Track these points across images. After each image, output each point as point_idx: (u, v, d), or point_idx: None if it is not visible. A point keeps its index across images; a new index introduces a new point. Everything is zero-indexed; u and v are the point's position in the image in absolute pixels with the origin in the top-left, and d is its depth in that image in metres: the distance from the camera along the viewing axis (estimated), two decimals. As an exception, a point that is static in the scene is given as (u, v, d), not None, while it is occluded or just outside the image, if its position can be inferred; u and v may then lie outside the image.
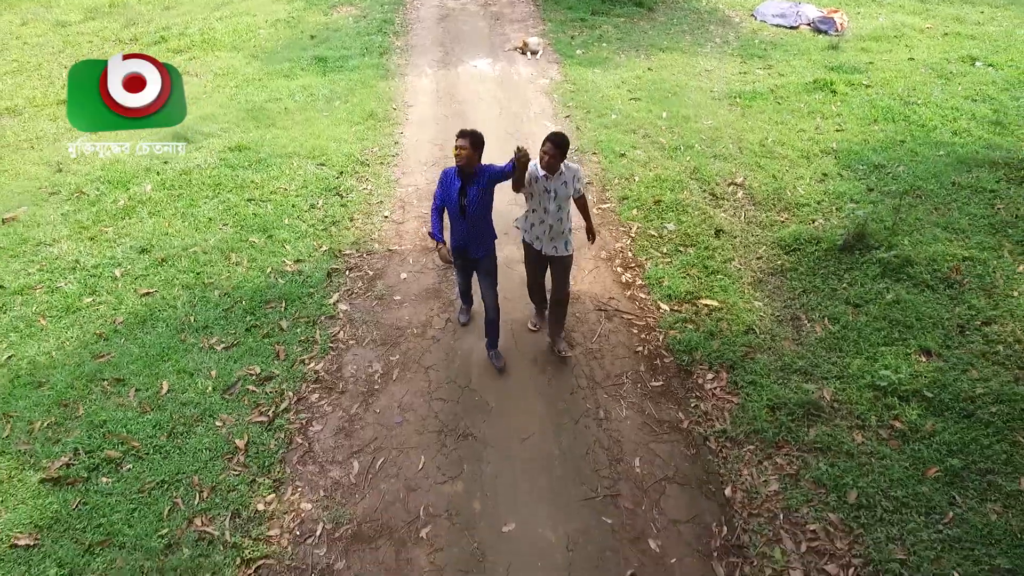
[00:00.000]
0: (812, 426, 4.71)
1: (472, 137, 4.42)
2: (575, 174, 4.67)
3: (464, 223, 4.61)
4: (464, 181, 4.51)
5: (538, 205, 4.71)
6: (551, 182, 4.62)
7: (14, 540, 4.09)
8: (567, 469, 4.44)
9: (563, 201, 4.68)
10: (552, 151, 4.46)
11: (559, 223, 4.73)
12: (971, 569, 3.86)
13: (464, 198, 4.52)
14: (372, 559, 3.94)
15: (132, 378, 5.17)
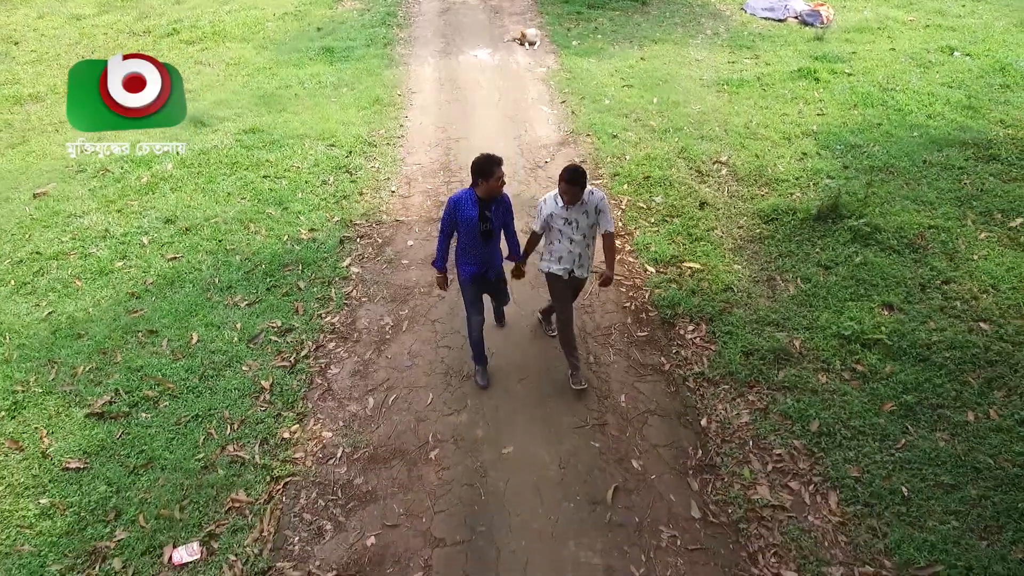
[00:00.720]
0: (781, 369, 5.22)
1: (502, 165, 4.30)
2: (597, 203, 4.44)
3: (485, 248, 4.49)
4: (483, 205, 4.36)
5: (561, 238, 4.53)
6: (571, 211, 4.42)
7: (65, 464, 4.60)
8: (559, 404, 4.95)
9: (587, 230, 4.49)
10: (568, 189, 4.28)
11: (587, 250, 4.59)
12: (918, 484, 4.37)
13: (486, 223, 4.39)
14: (387, 476, 4.45)
15: (164, 330, 5.68)
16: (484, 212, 4.35)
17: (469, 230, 4.38)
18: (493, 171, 4.21)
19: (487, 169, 4.21)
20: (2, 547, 4.08)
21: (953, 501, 4.24)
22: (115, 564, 3.99)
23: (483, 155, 4.27)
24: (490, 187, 4.25)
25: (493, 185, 4.24)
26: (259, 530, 4.13)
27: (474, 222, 4.34)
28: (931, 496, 4.27)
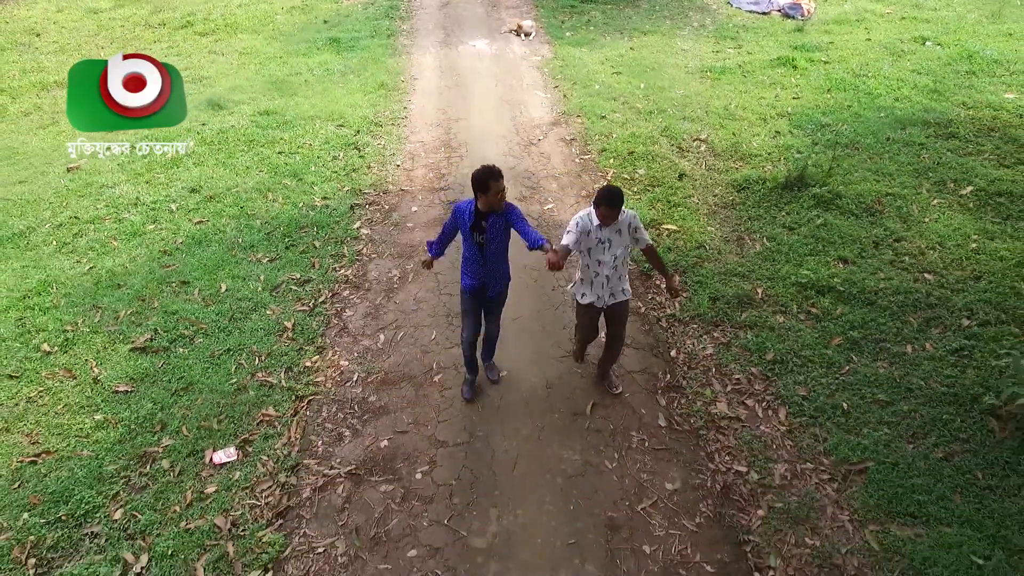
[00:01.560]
0: (744, 311, 5.91)
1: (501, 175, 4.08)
2: (630, 221, 4.33)
3: (482, 262, 4.34)
4: (479, 217, 4.18)
5: (590, 258, 4.41)
6: (604, 231, 4.31)
7: (114, 388, 5.28)
8: (548, 339, 5.64)
9: (618, 250, 4.35)
10: (608, 213, 4.18)
11: (614, 272, 4.43)
12: (857, 401, 5.05)
13: (480, 235, 4.23)
14: (397, 394, 5.14)
15: (195, 281, 6.37)
16: (479, 222, 4.17)
17: (467, 240, 4.27)
18: (489, 185, 3.99)
19: (484, 183, 4.01)
20: (65, 452, 4.75)
21: (886, 414, 4.92)
22: (163, 464, 4.67)
23: (481, 168, 4.04)
24: (488, 201, 4.06)
25: (491, 200, 4.04)
26: (287, 437, 4.81)
27: (468, 232, 4.22)
28: (867, 410, 4.95)
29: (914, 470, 4.49)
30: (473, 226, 4.20)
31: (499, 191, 4.04)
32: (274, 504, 4.34)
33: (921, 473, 4.46)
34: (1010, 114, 9.14)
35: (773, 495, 4.38)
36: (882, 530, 4.15)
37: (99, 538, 4.20)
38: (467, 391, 4.99)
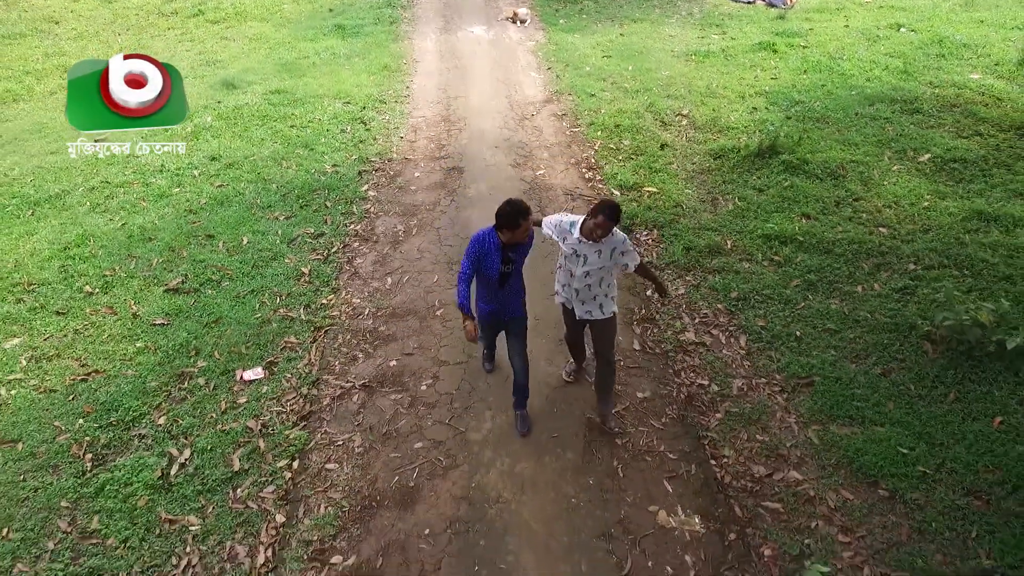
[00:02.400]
0: (714, 259, 6.60)
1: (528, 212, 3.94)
2: (615, 246, 4.14)
3: (501, 291, 4.24)
4: (506, 249, 4.07)
5: (563, 262, 4.34)
6: (583, 246, 4.13)
7: (152, 321, 5.96)
8: (539, 280, 6.32)
9: (593, 269, 4.18)
10: (604, 224, 3.98)
11: (587, 289, 4.28)
12: (809, 330, 5.73)
13: (508, 266, 4.12)
14: (404, 325, 5.83)
15: (219, 235, 7.04)
16: (507, 255, 4.08)
17: (489, 274, 4.11)
18: (519, 223, 3.88)
19: (513, 222, 3.87)
20: (111, 372, 5.43)
21: (834, 340, 5.61)
22: (199, 381, 5.35)
23: (509, 204, 3.89)
24: (515, 236, 3.95)
25: (519, 236, 3.95)
26: (308, 359, 5.50)
27: (495, 268, 4.08)
28: (818, 337, 5.64)
29: (855, 384, 5.17)
30: (503, 259, 4.06)
31: (527, 228, 3.94)
32: (298, 410, 5.03)
33: (861, 386, 5.14)
34: (973, 92, 9.83)
35: (730, 403, 5.07)
36: (823, 429, 4.83)
37: (146, 439, 4.88)
38: (488, 364, 5.25)
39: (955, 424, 4.76)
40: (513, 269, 4.15)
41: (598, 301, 4.35)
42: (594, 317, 4.39)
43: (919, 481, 4.40)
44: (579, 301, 4.33)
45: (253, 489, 4.47)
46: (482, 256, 4.06)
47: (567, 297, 4.41)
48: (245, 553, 4.09)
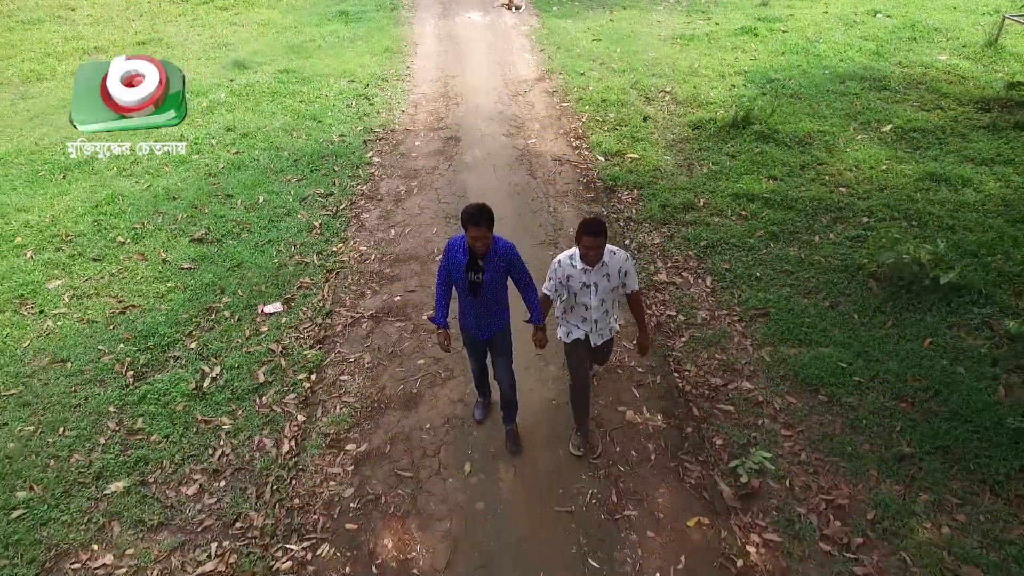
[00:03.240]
0: (687, 214, 7.28)
1: (487, 219, 3.67)
2: (620, 265, 3.98)
3: (474, 302, 3.98)
4: (473, 255, 3.83)
5: (576, 302, 4.08)
6: (591, 275, 3.94)
7: (180, 266, 6.64)
8: (527, 232, 7.01)
9: (606, 294, 4.02)
10: (594, 244, 3.76)
11: (604, 316, 4.13)
12: (768, 272, 6.42)
13: (474, 273, 3.87)
14: (406, 268, 6.52)
15: (237, 195, 7.73)
16: (476, 260, 3.84)
17: (459, 279, 3.91)
18: (467, 228, 3.69)
19: (464, 222, 3.71)
20: (146, 307, 6.12)
21: (790, 279, 6.29)
22: (225, 314, 6.04)
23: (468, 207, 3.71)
24: (471, 238, 3.74)
25: (473, 241, 3.74)
26: (321, 295, 6.19)
27: (461, 270, 3.87)
28: (776, 278, 6.33)
29: (805, 314, 5.87)
30: (469, 264, 3.85)
31: (476, 237, 3.70)
32: (314, 335, 5.72)
33: (810, 316, 5.84)
34: (939, 71, 10.52)
35: (694, 330, 5.77)
36: (774, 350, 5.53)
37: (180, 359, 5.57)
38: (478, 412, 4.83)
39: (890, 344, 5.45)
40: (484, 279, 3.85)
41: (611, 324, 4.27)
42: (606, 338, 4.29)
43: (854, 388, 5.09)
44: (597, 332, 4.17)
45: (276, 396, 5.16)
46: (451, 259, 3.89)
47: (588, 329, 4.18)
48: (272, 444, 4.78)
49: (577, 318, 4.17)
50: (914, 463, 4.54)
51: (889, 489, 4.36)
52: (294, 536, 4.18)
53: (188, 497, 4.46)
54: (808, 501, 4.33)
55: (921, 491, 4.36)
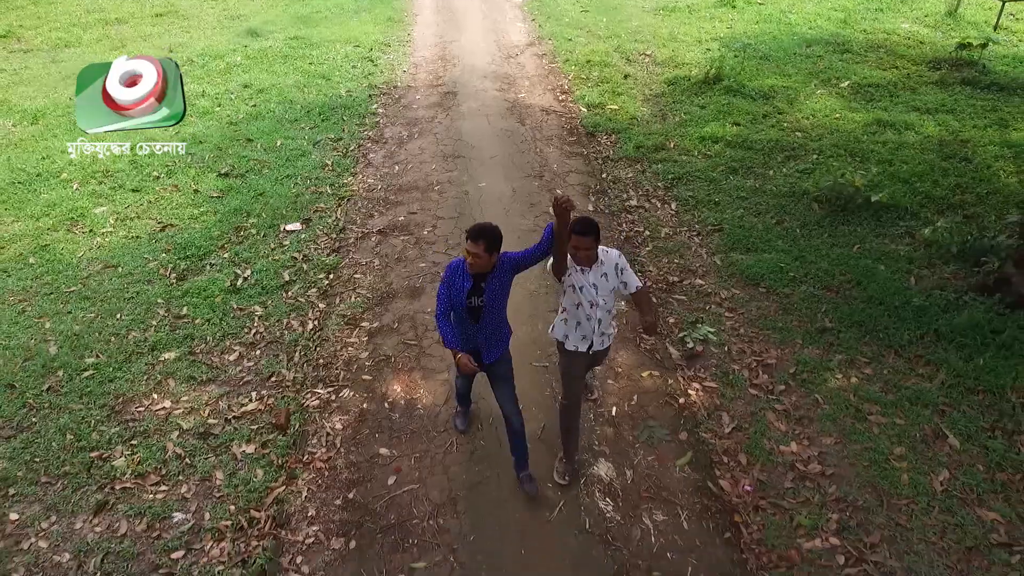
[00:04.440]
0: (658, 153, 8.21)
1: (488, 239, 3.45)
2: (615, 262, 3.84)
3: (475, 327, 3.74)
4: (476, 279, 3.62)
5: (572, 304, 3.87)
6: (588, 275, 3.79)
7: (210, 194, 7.56)
8: (517, 168, 7.93)
9: (606, 295, 3.85)
10: (587, 243, 3.61)
11: (607, 316, 3.94)
12: (726, 198, 7.34)
13: (476, 298, 3.64)
14: (408, 196, 7.44)
15: (256, 139, 8.64)
16: (478, 284, 3.63)
17: (459, 304, 3.68)
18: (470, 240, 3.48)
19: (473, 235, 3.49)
20: (183, 226, 7.04)
21: (744, 203, 7.22)
22: (252, 231, 6.96)
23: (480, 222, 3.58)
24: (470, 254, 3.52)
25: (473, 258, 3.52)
26: (335, 216, 7.12)
27: (462, 296, 3.65)
28: (732, 203, 7.25)
29: (754, 229, 6.80)
30: (472, 290, 3.63)
31: (469, 252, 3.50)
32: (330, 246, 6.66)
33: (759, 230, 6.77)
34: (899, 37, 11.44)
35: (658, 242, 6.70)
36: (725, 256, 6.46)
37: (216, 265, 6.49)
38: (460, 422, 4.66)
39: (824, 250, 6.39)
40: (485, 304, 3.65)
41: (611, 328, 4.08)
42: (605, 345, 4.08)
43: (790, 282, 6.03)
44: (600, 332, 3.95)
45: (300, 290, 6.10)
46: (452, 282, 3.66)
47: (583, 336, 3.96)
48: (298, 324, 5.72)
49: (581, 315, 3.90)
50: (833, 335, 5.48)
51: (810, 353, 5.30)
52: (320, 384, 5.13)
53: (230, 362, 5.38)
54: (742, 361, 5.28)
55: (836, 353, 5.30)
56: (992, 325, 5.30)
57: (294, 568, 3.93)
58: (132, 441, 4.71)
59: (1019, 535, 4.02)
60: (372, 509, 4.24)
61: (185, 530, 4.17)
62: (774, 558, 3.97)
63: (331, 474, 4.46)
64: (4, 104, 9.56)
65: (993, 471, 4.39)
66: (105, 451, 4.64)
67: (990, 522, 4.09)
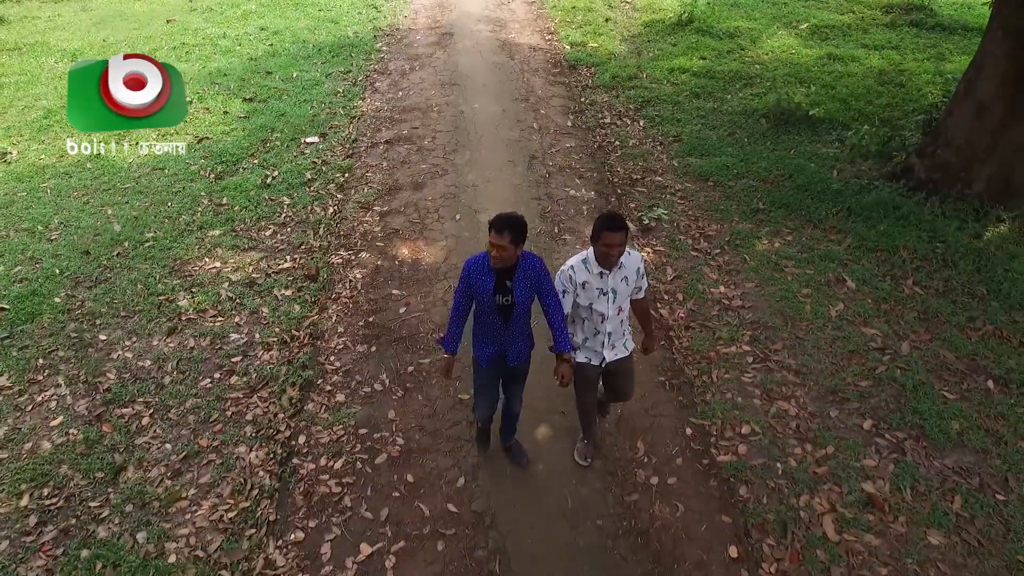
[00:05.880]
0: (631, 82, 9.30)
1: (514, 230, 3.25)
2: (637, 265, 3.59)
3: (504, 327, 3.55)
4: (500, 276, 3.42)
5: (589, 314, 3.63)
6: (608, 279, 3.53)
7: (237, 115, 8.68)
8: (506, 93, 9.01)
9: (624, 301, 3.63)
10: (619, 239, 3.34)
11: (619, 327, 3.70)
12: (687, 117, 8.42)
13: (503, 296, 3.44)
14: (411, 115, 8.52)
15: (275, 72, 9.72)
16: (503, 282, 3.42)
17: (483, 303, 3.48)
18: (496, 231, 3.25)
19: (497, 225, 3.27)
20: (216, 138, 8.16)
21: (702, 120, 8.34)
22: (276, 143, 8.07)
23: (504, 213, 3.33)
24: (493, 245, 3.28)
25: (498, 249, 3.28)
26: (347, 131, 8.23)
27: (488, 293, 3.43)
28: (692, 120, 8.37)
29: (709, 139, 7.92)
30: (497, 286, 3.42)
31: (493, 245, 3.26)
32: (344, 153, 7.79)
33: (712, 140, 7.89)
34: (861, -14, 12.43)
35: (626, 149, 7.82)
36: (682, 159, 7.59)
37: (247, 168, 7.61)
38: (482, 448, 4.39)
39: (766, 153, 7.53)
40: (515, 302, 3.44)
41: (625, 336, 3.80)
42: (620, 356, 3.78)
43: (734, 176, 7.17)
44: (610, 345, 3.71)
45: (321, 186, 7.24)
46: (472, 278, 3.44)
47: (595, 349, 3.74)
48: (321, 209, 6.87)
49: (588, 331, 3.69)
50: (765, 214, 6.64)
51: (744, 227, 6.46)
52: (341, 248, 6.30)
53: (266, 236, 6.55)
54: (688, 232, 6.45)
55: (765, 227, 6.46)
56: (895, 203, 6.46)
57: (328, 363, 5.13)
58: (191, 289, 5.87)
59: (892, 344, 5.20)
60: (388, 327, 5.43)
61: (240, 344, 5.34)
62: (698, 358, 5.16)
63: (354, 306, 5.65)
64: (44, 45, 10.61)
65: (879, 303, 5.56)
66: (170, 296, 5.81)
67: (871, 335, 5.27)
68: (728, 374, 4.95)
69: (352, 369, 5.05)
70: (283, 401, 4.83)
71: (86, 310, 5.61)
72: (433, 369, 5.03)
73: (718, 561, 3.79)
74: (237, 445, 4.52)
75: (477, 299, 3.52)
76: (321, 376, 5.00)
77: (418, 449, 4.47)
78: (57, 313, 5.59)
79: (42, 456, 4.48)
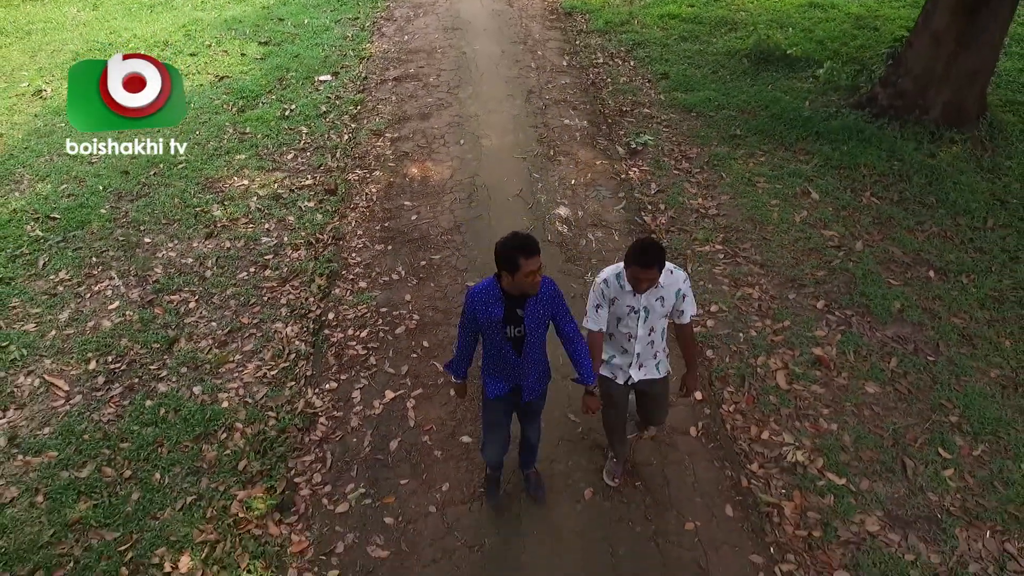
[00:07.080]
0: (623, 26, 9.88)
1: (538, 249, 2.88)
2: (679, 287, 3.25)
3: (517, 361, 3.18)
4: (511, 302, 3.02)
5: (618, 330, 3.37)
6: (641, 299, 3.24)
7: (254, 57, 9.27)
8: (505, 36, 9.61)
9: (656, 322, 3.33)
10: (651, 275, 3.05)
11: (649, 347, 3.41)
12: (674, 58, 9.03)
13: (514, 327, 3.07)
14: (416, 56, 9.13)
15: (287, 19, 10.27)
16: (514, 311, 3.04)
17: (493, 335, 3.12)
18: (518, 264, 2.84)
19: (512, 260, 2.85)
20: (235, 77, 8.78)
21: (688, 60, 8.92)
22: (292, 81, 8.68)
23: (511, 237, 2.90)
24: (517, 283, 2.91)
25: (521, 281, 2.89)
26: (358, 70, 8.83)
27: (498, 324, 3.06)
28: (678, 60, 8.97)
29: (694, 76, 8.55)
30: (506, 316, 3.05)
31: (530, 272, 2.87)
32: (356, 88, 8.41)
33: (697, 78, 8.51)
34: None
35: (618, 85, 8.43)
36: (669, 94, 8.22)
37: (266, 103, 8.23)
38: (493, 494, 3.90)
39: (745, 89, 8.16)
40: (527, 333, 3.09)
41: (657, 359, 3.50)
42: (650, 376, 3.52)
43: (716, 108, 7.82)
44: (638, 365, 3.46)
45: (335, 116, 7.88)
46: (478, 310, 3.06)
47: (621, 368, 3.49)
48: (336, 136, 7.52)
49: (615, 347, 3.46)
50: (741, 139, 7.30)
51: (722, 150, 7.12)
52: (357, 168, 6.97)
53: (288, 159, 7.21)
54: (671, 155, 7.11)
55: (741, 149, 7.12)
56: (858, 127, 7.12)
57: (351, 259, 5.84)
58: (223, 203, 6.55)
59: (847, 242, 5.89)
60: (402, 230, 6.13)
61: (272, 245, 6.04)
62: (675, 255, 5.87)
63: (371, 214, 6.35)
64: (64, -6, 11.14)
65: (839, 211, 6.25)
66: (205, 208, 6.49)
67: (829, 236, 5.97)
68: (701, 267, 5.65)
69: (372, 263, 5.76)
70: (312, 288, 5.55)
71: (130, 219, 6.29)
72: (443, 264, 5.72)
73: (684, 402, 4.51)
74: (274, 322, 5.23)
75: (485, 332, 3.14)
76: (345, 268, 5.71)
77: (431, 323, 5.19)
78: (104, 221, 6.26)
79: (104, 332, 5.19)
